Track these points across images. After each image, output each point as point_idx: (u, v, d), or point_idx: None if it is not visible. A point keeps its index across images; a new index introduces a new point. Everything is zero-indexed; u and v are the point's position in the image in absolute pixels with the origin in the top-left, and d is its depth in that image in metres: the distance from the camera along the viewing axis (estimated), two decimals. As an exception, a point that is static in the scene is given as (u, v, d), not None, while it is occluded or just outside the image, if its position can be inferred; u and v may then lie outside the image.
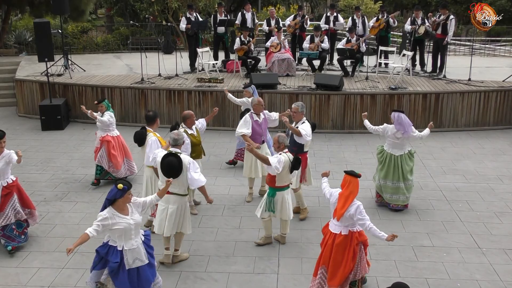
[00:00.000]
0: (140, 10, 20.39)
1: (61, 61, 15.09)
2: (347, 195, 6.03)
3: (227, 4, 26.24)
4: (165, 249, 7.11)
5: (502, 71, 14.78)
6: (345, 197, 6.02)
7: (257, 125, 8.93)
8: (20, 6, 19.58)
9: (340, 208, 6.01)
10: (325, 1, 31.91)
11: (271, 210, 7.42)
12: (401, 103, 12.90)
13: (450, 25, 14.07)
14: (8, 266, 7.14)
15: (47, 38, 13.31)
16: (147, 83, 13.69)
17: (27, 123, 13.97)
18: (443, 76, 14.21)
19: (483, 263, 7.25)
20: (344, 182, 6.12)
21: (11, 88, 15.58)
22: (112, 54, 18.74)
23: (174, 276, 6.91)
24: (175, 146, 6.95)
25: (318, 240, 7.77)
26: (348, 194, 6.03)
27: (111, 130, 9.71)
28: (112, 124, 9.67)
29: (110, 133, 9.69)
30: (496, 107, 13.17)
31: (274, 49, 14.69)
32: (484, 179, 10.20)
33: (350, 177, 6.07)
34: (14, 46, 19.85)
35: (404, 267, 7.15)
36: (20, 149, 11.79)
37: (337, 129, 13.06)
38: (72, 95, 13.95)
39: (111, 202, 5.61)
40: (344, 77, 13.74)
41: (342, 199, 6.04)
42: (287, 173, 7.31)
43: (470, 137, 12.72)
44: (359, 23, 15.49)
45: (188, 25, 14.81)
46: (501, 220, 8.51)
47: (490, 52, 20.29)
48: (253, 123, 8.90)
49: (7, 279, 6.86)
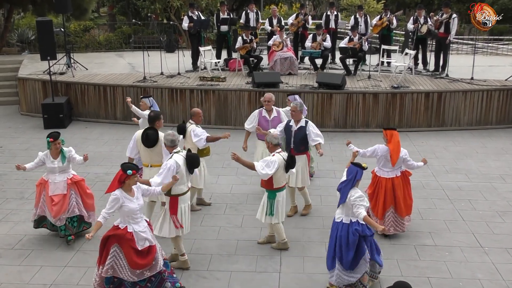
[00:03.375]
0: (142, 8, 20.40)
1: (64, 60, 15.09)
2: (396, 143, 7.51)
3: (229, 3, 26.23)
4: (180, 255, 7.08)
5: (505, 70, 14.74)
6: (396, 145, 7.51)
7: (265, 121, 8.85)
8: (23, 4, 19.58)
9: (395, 154, 7.48)
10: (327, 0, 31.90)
11: (271, 213, 7.23)
12: (404, 102, 12.89)
13: (453, 24, 14.05)
14: (10, 264, 7.16)
15: (50, 36, 13.33)
16: (149, 82, 13.69)
17: (29, 122, 13.98)
18: (445, 75, 14.18)
19: (485, 262, 7.24)
20: (387, 134, 7.59)
21: (13, 87, 15.59)
22: (115, 53, 18.75)
23: (177, 275, 6.91)
24: (173, 147, 6.88)
25: (320, 239, 7.81)
26: (397, 142, 7.52)
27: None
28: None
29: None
30: (498, 106, 13.14)
31: (277, 47, 14.68)
32: (487, 178, 10.18)
33: (389, 130, 7.65)
34: (17, 44, 19.87)
35: (406, 266, 7.14)
36: (22, 148, 11.91)
37: (340, 128, 13.05)
38: (74, 94, 13.96)
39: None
40: (347, 76, 13.73)
41: (395, 147, 7.51)
42: (283, 173, 7.18)
43: (472, 136, 12.70)
44: (362, 22, 15.46)
45: (190, 24, 14.81)
46: (503, 219, 8.49)
47: (492, 51, 20.26)
48: (261, 119, 8.87)
49: (9, 277, 6.89)
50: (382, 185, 7.68)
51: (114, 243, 6.01)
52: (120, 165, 6.10)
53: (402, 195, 7.70)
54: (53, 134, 7.54)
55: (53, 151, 7.55)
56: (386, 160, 7.63)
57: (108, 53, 18.68)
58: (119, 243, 6.01)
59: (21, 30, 20.33)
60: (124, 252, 5.99)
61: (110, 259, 5.99)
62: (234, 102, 13.25)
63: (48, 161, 7.58)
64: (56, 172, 7.60)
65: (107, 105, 13.81)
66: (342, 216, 6.36)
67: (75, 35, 20.27)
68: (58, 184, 7.60)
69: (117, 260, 6.00)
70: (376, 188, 7.77)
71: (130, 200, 6.01)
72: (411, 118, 13.05)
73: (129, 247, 5.98)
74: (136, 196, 6.10)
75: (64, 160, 7.58)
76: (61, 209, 7.55)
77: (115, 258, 6.00)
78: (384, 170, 7.71)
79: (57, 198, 7.57)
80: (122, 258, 6.00)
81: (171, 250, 7.18)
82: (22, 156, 11.34)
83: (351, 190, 6.21)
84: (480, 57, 17.33)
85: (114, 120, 13.76)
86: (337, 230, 6.36)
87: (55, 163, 7.57)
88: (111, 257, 5.99)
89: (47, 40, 13.25)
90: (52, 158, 7.58)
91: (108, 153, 11.47)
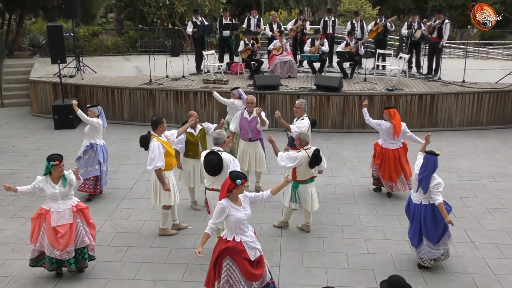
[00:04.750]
0: (149, 14, 20.38)
1: (73, 63, 15.11)
2: (398, 118, 8.74)
3: (231, 9, 26.22)
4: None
5: (495, 73, 14.73)
6: (398, 120, 8.71)
7: (246, 122, 8.93)
8: (34, 10, 19.63)
9: (399, 128, 8.69)
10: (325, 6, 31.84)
11: (297, 201, 7.59)
12: (398, 104, 12.88)
13: (445, 29, 14.04)
14: (22, 258, 7.15)
15: (60, 41, 13.33)
16: (155, 84, 13.70)
17: (40, 122, 14.00)
18: (438, 78, 14.18)
19: (476, 257, 7.24)
20: (390, 113, 8.73)
21: (25, 89, 15.61)
22: (122, 57, 18.75)
23: (181, 268, 6.93)
24: (216, 145, 7.00)
25: (319, 234, 7.81)
26: (398, 118, 8.76)
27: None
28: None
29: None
30: (489, 107, 13.13)
31: (277, 52, 14.69)
32: (478, 176, 10.18)
33: (391, 109, 8.80)
34: (28, 48, 19.90)
35: (400, 260, 7.14)
36: (34, 147, 11.92)
37: (337, 128, 13.05)
38: (83, 96, 13.96)
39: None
40: (343, 79, 13.72)
41: (397, 122, 8.70)
42: (307, 168, 7.43)
43: (464, 136, 12.69)
44: (358, 27, 15.46)
45: (194, 29, 14.81)
46: (493, 216, 8.49)
47: (483, 55, 20.24)
48: (241, 120, 8.97)
49: (21, 270, 6.90)
50: (390, 156, 8.88)
51: (226, 256, 5.61)
52: (229, 172, 5.72)
53: (405, 161, 9.01)
54: (56, 157, 6.43)
55: (56, 175, 6.43)
56: (389, 134, 8.82)
57: (116, 57, 18.68)
58: (231, 255, 5.60)
59: (33, 35, 20.35)
60: (237, 264, 5.59)
61: (224, 274, 5.60)
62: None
63: (48, 186, 6.43)
64: (59, 198, 6.47)
65: (114, 106, 13.81)
66: (420, 199, 6.71)
67: (84, 40, 20.27)
68: (62, 213, 6.46)
69: (231, 274, 5.59)
70: (384, 158, 8.92)
71: (237, 209, 5.57)
72: (405, 119, 12.94)
73: (242, 259, 5.57)
74: (243, 205, 5.66)
75: (65, 183, 6.48)
76: (70, 241, 6.47)
77: (229, 272, 5.60)
78: (389, 142, 8.91)
79: (63, 228, 6.45)
80: (236, 271, 5.59)
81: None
82: (33, 155, 11.36)
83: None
84: (471, 60, 17.31)
85: (121, 121, 13.76)
86: (420, 211, 6.71)
87: (56, 188, 6.44)
88: (225, 271, 5.60)
89: (57, 44, 13.26)
90: (52, 183, 6.45)
91: (115, 152, 11.48)
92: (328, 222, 8.26)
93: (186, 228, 8.05)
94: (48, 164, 6.38)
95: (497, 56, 19.87)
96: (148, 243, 7.62)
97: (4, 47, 17.04)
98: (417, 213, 6.74)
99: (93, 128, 8.95)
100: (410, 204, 6.87)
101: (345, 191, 9.48)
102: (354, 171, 10.38)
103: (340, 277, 6.72)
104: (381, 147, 9.02)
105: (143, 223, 8.25)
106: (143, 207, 8.80)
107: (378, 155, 9.06)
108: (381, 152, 9.01)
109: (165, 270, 6.92)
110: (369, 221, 8.32)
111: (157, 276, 6.78)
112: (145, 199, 9.04)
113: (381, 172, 9.02)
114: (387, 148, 8.94)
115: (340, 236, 7.84)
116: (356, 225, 8.19)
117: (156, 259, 7.18)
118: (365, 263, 7.06)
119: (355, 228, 8.07)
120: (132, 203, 8.99)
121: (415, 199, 6.79)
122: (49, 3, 18.73)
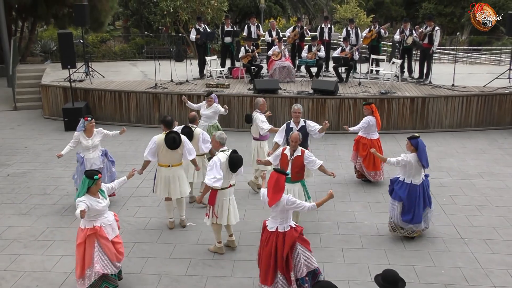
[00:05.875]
0: (154, 22, 20.40)
1: (83, 68, 15.11)
2: (376, 111, 9.44)
3: (233, 17, 26.24)
4: (217, 242, 7.14)
5: (483, 78, 14.72)
6: (377, 113, 9.47)
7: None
8: (46, 18, 19.66)
9: (379, 120, 9.47)
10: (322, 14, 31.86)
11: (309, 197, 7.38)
12: (391, 106, 12.88)
13: (436, 35, 14.04)
14: (34, 254, 7.16)
15: (70, 47, 13.33)
16: (160, 88, 13.70)
17: (51, 124, 13.99)
18: (429, 82, 14.16)
19: (465, 252, 7.23)
20: (372, 108, 9.31)
21: (37, 93, 15.61)
22: (129, 62, 18.75)
23: (185, 263, 6.92)
24: (222, 145, 6.96)
25: (315, 230, 7.80)
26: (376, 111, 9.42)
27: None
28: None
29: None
30: (477, 110, 13.12)
31: (276, 57, 14.69)
32: (466, 175, 10.17)
33: (372, 104, 9.30)
34: (40, 54, 19.92)
35: (393, 255, 7.13)
36: (45, 148, 11.91)
37: (333, 130, 13.02)
38: (92, 99, 13.96)
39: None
40: (339, 83, 13.71)
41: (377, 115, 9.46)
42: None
43: (453, 137, 12.69)
44: (353, 33, 15.45)
45: (197, 36, 14.81)
46: (481, 213, 8.48)
47: (472, 60, 20.26)
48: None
49: (33, 265, 6.90)
50: (375, 145, 9.23)
51: (296, 242, 5.88)
52: (274, 169, 5.92)
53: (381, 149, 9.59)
54: (96, 172, 5.93)
55: (94, 190, 5.85)
56: (374, 126, 9.30)
57: (123, 62, 18.67)
58: (298, 240, 5.89)
59: (44, 41, 20.37)
60: (304, 245, 5.92)
61: (297, 258, 5.83)
62: (237, 106, 13.26)
63: (95, 203, 5.82)
64: (106, 211, 6.02)
65: (122, 109, 13.81)
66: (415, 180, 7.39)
67: (93, 46, 20.30)
68: (113, 224, 6.07)
69: (305, 254, 5.89)
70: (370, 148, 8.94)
71: None
72: (398, 121, 13.05)
73: (304, 242, 5.96)
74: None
75: (104, 195, 6.03)
76: (123, 249, 6.18)
77: (302, 254, 5.87)
78: (373, 134, 9.39)
79: (118, 239, 6.12)
80: (306, 251, 5.92)
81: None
82: (45, 155, 11.35)
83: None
84: (460, 65, 17.32)
85: (129, 123, 13.73)
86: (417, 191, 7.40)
87: (102, 202, 5.91)
88: (297, 256, 5.83)
89: (67, 50, 13.25)
90: (94, 197, 5.85)
91: (123, 153, 11.48)
92: (324, 219, 8.25)
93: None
94: (89, 180, 5.76)
95: (484, 61, 19.88)
96: (153, 239, 7.62)
97: (17, 53, 17.06)
98: (420, 192, 7.42)
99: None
100: (411, 188, 7.35)
101: (341, 189, 9.47)
102: (349, 170, 10.38)
103: (336, 272, 6.71)
104: (367, 139, 9.39)
105: (149, 220, 8.25)
106: (149, 205, 8.80)
107: (363, 146, 9.37)
108: (368, 143, 9.32)
109: (170, 264, 6.91)
110: (363, 218, 8.31)
111: (162, 270, 6.77)
112: (150, 197, 9.04)
113: (365, 163, 9.38)
114: (371, 139, 9.37)
115: (336, 232, 7.83)
116: (351, 221, 8.18)
117: (162, 254, 7.18)
118: (360, 258, 7.05)
119: (351, 225, 8.06)
120: (138, 201, 8.99)
121: (416, 181, 7.38)
122: (60, 12, 18.77)
